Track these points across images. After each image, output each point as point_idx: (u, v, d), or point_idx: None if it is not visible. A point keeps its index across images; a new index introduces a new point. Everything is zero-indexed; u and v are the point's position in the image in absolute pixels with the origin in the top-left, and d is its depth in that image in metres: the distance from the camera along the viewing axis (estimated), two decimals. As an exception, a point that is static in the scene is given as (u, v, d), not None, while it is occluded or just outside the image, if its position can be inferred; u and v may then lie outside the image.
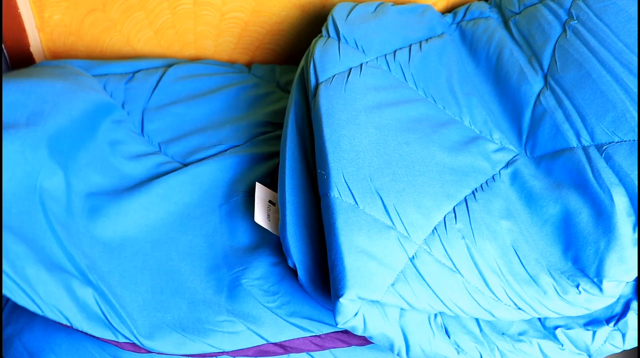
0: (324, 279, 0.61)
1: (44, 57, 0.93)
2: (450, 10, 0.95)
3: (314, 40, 0.80)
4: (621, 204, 0.60)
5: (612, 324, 0.62)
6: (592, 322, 0.62)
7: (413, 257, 0.58)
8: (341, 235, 0.57)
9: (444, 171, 0.65)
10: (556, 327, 0.62)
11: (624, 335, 0.62)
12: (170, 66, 0.91)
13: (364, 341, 0.64)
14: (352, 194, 0.60)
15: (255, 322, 0.62)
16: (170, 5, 0.90)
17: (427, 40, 0.83)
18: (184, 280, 0.65)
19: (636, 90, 0.66)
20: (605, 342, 0.62)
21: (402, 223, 0.59)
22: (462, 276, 0.58)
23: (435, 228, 0.60)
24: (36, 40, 0.89)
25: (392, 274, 0.56)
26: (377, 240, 0.57)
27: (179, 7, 0.91)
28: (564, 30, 0.77)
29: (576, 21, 0.76)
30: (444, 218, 0.61)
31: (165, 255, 0.67)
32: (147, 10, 0.90)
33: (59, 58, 0.94)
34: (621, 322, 0.61)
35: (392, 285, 0.56)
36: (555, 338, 0.62)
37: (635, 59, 0.69)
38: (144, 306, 0.61)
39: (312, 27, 0.96)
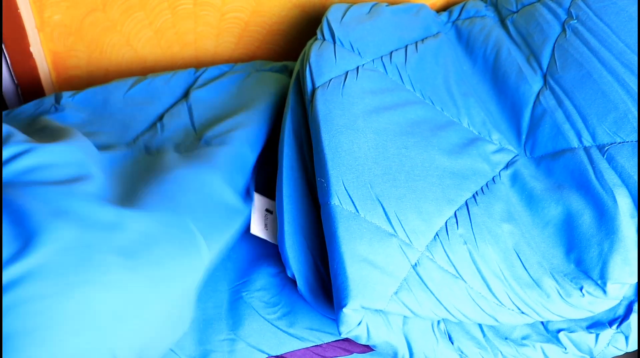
0: (324, 288, 0.59)
1: (44, 57, 0.90)
2: (446, 8, 0.91)
3: (308, 43, 0.76)
4: (624, 205, 0.57)
5: (615, 326, 0.59)
6: (595, 325, 0.60)
7: (415, 264, 0.55)
8: (343, 243, 0.54)
9: (444, 175, 0.62)
10: (559, 331, 0.60)
11: (627, 338, 0.59)
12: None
13: (366, 348, 0.61)
14: (353, 202, 0.57)
15: (255, 337, 0.59)
16: (170, 5, 0.87)
17: (422, 40, 0.79)
18: None
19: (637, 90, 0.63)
20: (608, 345, 0.59)
21: (404, 230, 0.56)
22: (465, 282, 0.55)
23: (437, 234, 0.57)
24: (36, 40, 0.86)
25: (395, 282, 0.53)
26: (379, 248, 0.55)
27: (179, 7, 0.88)
28: (564, 29, 0.73)
29: (576, 21, 0.72)
30: (446, 223, 0.58)
31: None
32: (147, 10, 0.87)
33: (59, 58, 0.91)
34: (624, 324, 0.59)
35: (396, 293, 0.53)
36: (558, 341, 0.60)
37: (637, 59, 0.65)
38: None
39: (312, 27, 0.93)
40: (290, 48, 0.96)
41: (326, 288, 0.58)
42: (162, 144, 0.71)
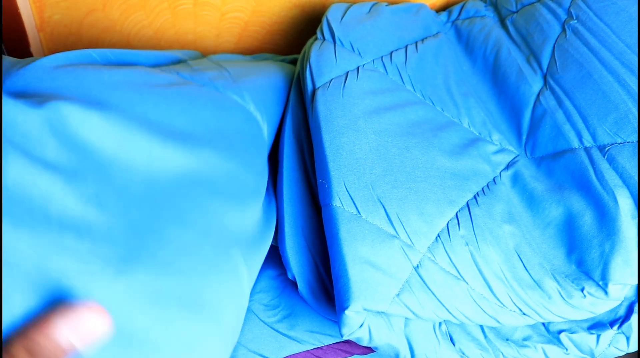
0: (325, 290, 0.58)
1: (44, 58, 0.88)
2: (446, 8, 0.90)
3: (308, 43, 0.75)
4: (625, 206, 0.56)
5: (616, 327, 0.58)
6: (596, 326, 0.59)
7: (417, 266, 0.54)
8: (344, 245, 0.53)
9: (445, 176, 0.61)
10: (560, 331, 0.59)
11: (628, 338, 0.58)
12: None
13: (367, 350, 0.61)
14: (354, 203, 0.56)
15: (256, 342, 0.59)
16: (170, 5, 0.86)
17: (422, 40, 0.78)
18: None
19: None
20: (609, 346, 0.59)
21: (406, 231, 0.55)
22: (467, 283, 0.54)
23: (438, 235, 0.56)
24: (36, 40, 0.85)
25: (397, 284, 0.52)
26: (381, 250, 0.54)
27: (179, 7, 0.86)
28: (564, 29, 0.72)
29: (576, 21, 0.71)
30: (447, 224, 0.57)
31: None
32: (147, 10, 0.86)
33: (59, 59, 0.90)
34: (625, 325, 0.58)
35: (398, 295, 0.52)
36: (559, 342, 0.59)
37: (637, 59, 0.64)
38: None
39: (312, 27, 0.92)
40: (290, 48, 0.95)
41: (327, 290, 0.58)
42: (192, 76, 0.64)
